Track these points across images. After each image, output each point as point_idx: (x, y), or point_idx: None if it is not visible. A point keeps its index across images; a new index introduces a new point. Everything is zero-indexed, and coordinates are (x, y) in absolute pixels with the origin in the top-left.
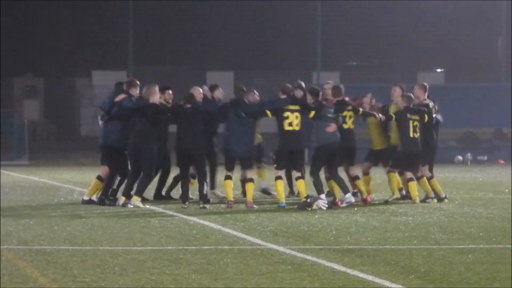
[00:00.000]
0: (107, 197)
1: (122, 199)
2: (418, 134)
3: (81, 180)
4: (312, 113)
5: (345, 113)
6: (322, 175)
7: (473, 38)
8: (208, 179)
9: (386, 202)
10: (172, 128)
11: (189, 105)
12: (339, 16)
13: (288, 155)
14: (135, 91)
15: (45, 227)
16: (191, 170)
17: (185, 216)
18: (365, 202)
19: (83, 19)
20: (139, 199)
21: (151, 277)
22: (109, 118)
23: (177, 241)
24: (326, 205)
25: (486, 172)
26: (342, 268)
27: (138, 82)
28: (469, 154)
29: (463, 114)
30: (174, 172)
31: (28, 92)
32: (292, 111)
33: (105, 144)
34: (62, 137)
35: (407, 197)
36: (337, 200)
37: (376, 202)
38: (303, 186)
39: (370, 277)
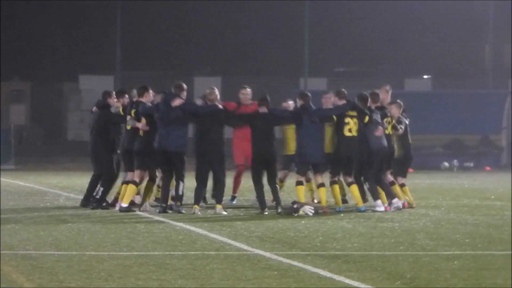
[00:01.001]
0: (166, 204)
1: (196, 208)
2: (354, 134)
3: (67, 185)
4: (367, 119)
5: (386, 119)
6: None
7: (460, 45)
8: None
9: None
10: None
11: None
12: (327, 22)
13: (344, 161)
14: (185, 95)
15: (31, 232)
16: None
17: (171, 222)
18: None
19: (70, 24)
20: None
21: (137, 282)
22: (167, 123)
23: (163, 246)
24: (313, 211)
25: (473, 179)
26: (329, 274)
27: (185, 86)
28: (455, 161)
29: (450, 121)
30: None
31: (15, 96)
32: (352, 117)
33: (166, 149)
34: (49, 142)
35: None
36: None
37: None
38: (357, 192)
39: (356, 283)
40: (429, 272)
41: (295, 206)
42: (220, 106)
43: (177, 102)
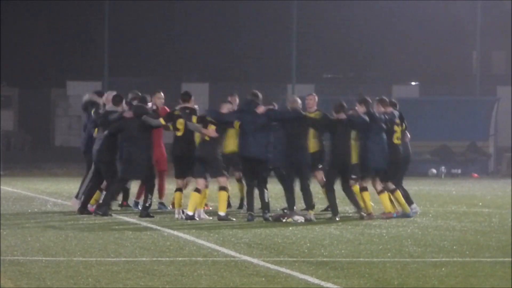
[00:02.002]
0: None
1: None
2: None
3: (55, 190)
4: (404, 126)
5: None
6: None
7: (448, 52)
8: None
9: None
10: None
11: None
12: (314, 28)
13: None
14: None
15: (19, 237)
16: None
17: (159, 228)
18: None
19: (58, 29)
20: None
21: None
22: (254, 130)
23: (151, 252)
24: (302, 219)
25: (460, 186)
26: (316, 281)
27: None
28: (443, 167)
29: (438, 127)
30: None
31: (2, 102)
32: (398, 124)
33: (252, 155)
34: (37, 147)
35: None
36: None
37: (350, 214)
38: (402, 198)
39: None
40: (417, 279)
41: (284, 211)
42: (303, 112)
43: (261, 109)
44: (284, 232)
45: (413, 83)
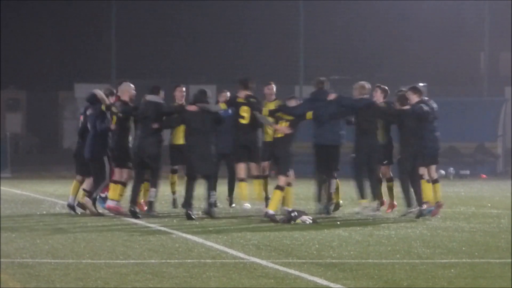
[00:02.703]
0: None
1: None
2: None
3: (63, 193)
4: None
5: None
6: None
7: (456, 53)
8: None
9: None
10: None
11: None
12: (322, 30)
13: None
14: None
15: (27, 240)
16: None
17: (168, 229)
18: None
19: (65, 32)
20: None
21: None
22: (328, 118)
23: (159, 254)
24: (311, 220)
25: (469, 187)
26: (325, 282)
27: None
28: (451, 169)
29: (446, 129)
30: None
31: (10, 105)
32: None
33: (325, 143)
34: (45, 150)
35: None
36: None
37: (359, 215)
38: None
39: None
40: (426, 280)
41: (293, 214)
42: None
43: (333, 96)
44: (293, 233)
45: (421, 84)
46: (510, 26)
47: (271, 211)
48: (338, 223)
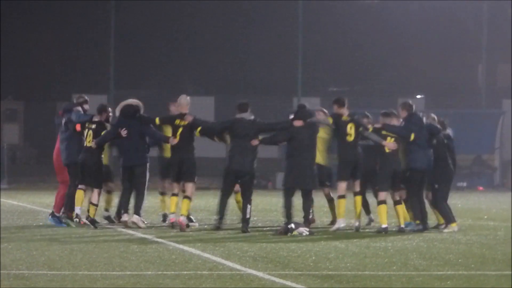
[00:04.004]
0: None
1: None
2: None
3: None
4: None
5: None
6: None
7: (454, 65)
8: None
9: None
10: None
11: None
12: (320, 42)
13: None
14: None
15: (24, 251)
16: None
17: (164, 241)
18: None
19: (64, 43)
20: None
21: None
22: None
23: (156, 266)
24: (308, 232)
25: (466, 199)
26: None
27: None
28: None
29: None
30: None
31: (8, 115)
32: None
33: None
34: (42, 161)
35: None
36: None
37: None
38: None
39: None
40: None
41: (289, 226)
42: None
43: (425, 119)
44: (290, 245)
45: (418, 96)
46: (508, 38)
47: (384, 225)
48: (335, 235)
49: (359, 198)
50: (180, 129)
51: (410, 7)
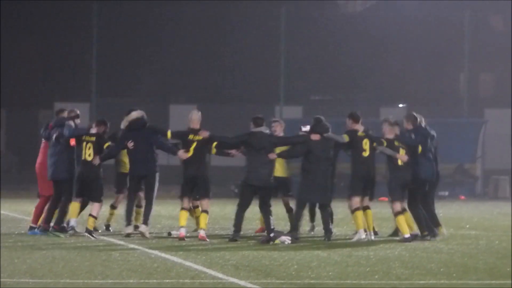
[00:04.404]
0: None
1: None
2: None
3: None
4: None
5: None
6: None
7: (436, 74)
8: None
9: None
10: None
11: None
12: (302, 50)
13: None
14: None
15: (5, 259)
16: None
17: (146, 249)
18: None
19: (46, 50)
20: None
21: None
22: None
23: (138, 274)
24: (290, 241)
25: (447, 208)
26: None
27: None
28: None
29: None
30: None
31: None
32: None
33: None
34: (24, 169)
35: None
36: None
37: (337, 236)
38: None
39: None
40: None
41: (271, 235)
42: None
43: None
44: (272, 254)
45: (400, 105)
46: (490, 47)
47: (407, 234)
48: (317, 243)
49: (370, 212)
50: (194, 144)
51: (392, 16)
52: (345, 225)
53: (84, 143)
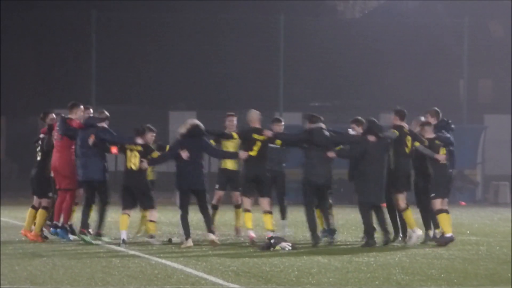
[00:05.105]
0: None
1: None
2: None
3: None
4: None
5: None
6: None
7: (435, 80)
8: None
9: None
10: None
11: None
12: (302, 57)
13: None
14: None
15: (6, 266)
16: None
17: (147, 256)
18: None
19: (45, 58)
20: None
21: None
22: None
23: (138, 281)
24: (290, 247)
25: None
26: None
27: None
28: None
29: None
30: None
31: None
32: None
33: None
34: (23, 176)
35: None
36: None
37: (338, 242)
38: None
39: None
40: None
41: (272, 241)
42: None
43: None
44: (272, 260)
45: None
46: (489, 54)
47: (449, 234)
48: (318, 249)
49: (409, 211)
50: (259, 144)
51: (391, 22)
52: (346, 231)
53: (129, 152)
